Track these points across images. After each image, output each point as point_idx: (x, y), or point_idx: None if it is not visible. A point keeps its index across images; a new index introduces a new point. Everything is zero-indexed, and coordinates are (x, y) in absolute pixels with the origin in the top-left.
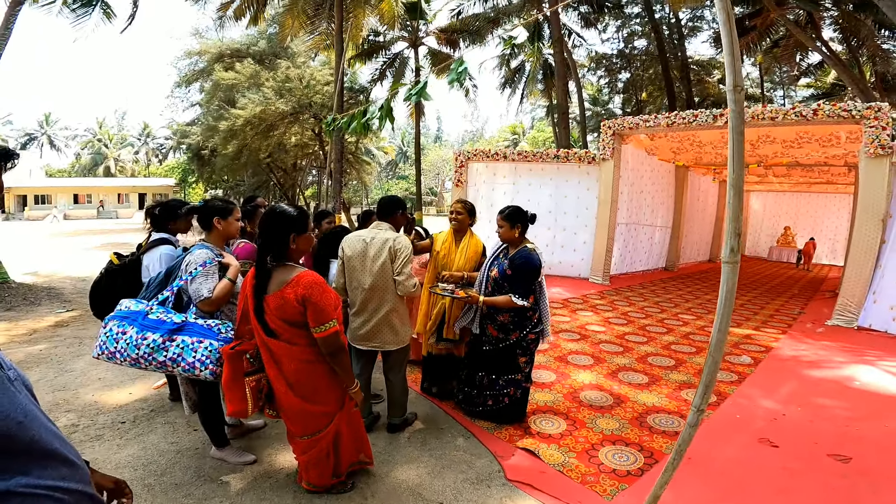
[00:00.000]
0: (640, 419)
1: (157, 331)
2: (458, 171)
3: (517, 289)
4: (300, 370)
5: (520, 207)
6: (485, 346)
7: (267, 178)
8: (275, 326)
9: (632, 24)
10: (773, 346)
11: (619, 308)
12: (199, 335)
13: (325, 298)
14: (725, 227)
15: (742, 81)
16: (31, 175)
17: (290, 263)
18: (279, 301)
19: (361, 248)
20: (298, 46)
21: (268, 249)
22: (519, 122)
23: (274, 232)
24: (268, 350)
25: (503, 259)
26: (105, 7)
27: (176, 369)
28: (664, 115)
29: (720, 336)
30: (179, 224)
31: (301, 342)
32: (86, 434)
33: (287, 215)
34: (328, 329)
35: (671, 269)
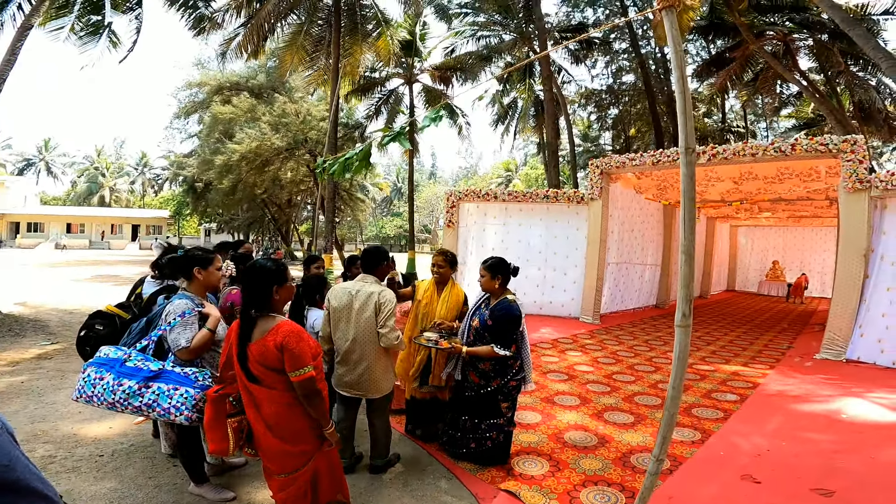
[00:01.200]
0: (624, 459)
1: (133, 377)
2: (449, 211)
3: (498, 339)
4: (279, 413)
5: (503, 259)
6: (467, 391)
7: (262, 214)
8: (257, 372)
9: (619, 59)
10: (760, 381)
11: (609, 347)
12: (175, 382)
13: (300, 346)
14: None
15: (694, 143)
16: (25, 202)
17: (272, 314)
18: (261, 348)
19: (347, 301)
20: (296, 81)
21: (251, 302)
22: (512, 159)
23: (256, 286)
24: (249, 394)
25: (484, 309)
26: (112, 35)
27: (151, 414)
28: (650, 154)
29: (674, 393)
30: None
31: (280, 387)
32: (62, 465)
33: (268, 269)
34: (303, 374)
35: (662, 306)
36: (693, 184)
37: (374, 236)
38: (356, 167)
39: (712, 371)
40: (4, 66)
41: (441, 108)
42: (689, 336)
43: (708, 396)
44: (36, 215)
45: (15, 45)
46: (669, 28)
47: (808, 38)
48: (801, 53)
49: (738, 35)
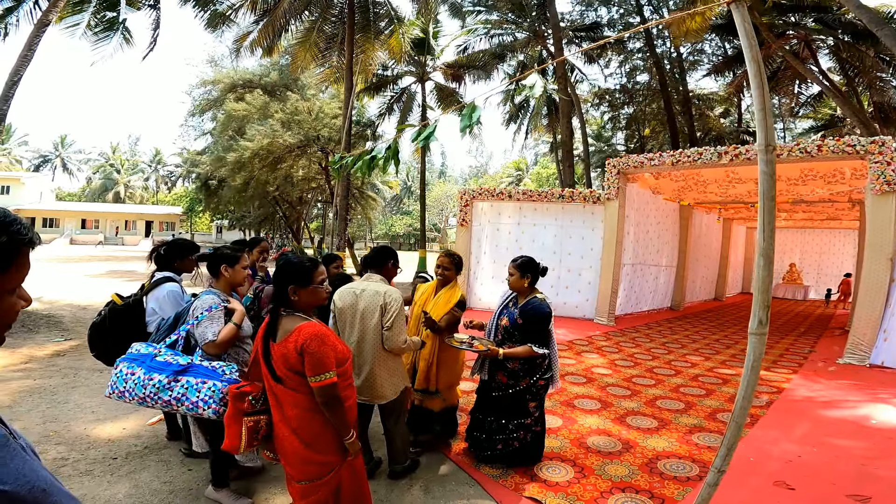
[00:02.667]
0: (651, 465)
1: (163, 372)
2: (462, 210)
3: (532, 337)
4: (302, 417)
5: (532, 259)
6: (494, 392)
7: (273, 211)
8: (281, 373)
9: (634, 58)
10: (784, 386)
11: (626, 349)
12: (203, 376)
13: (323, 349)
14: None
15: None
16: (41, 198)
17: (298, 314)
18: (283, 350)
19: (352, 301)
20: (308, 79)
21: (278, 299)
22: (522, 158)
23: (279, 282)
24: (273, 395)
25: (513, 308)
26: (125, 32)
27: (180, 408)
28: (669, 154)
29: (744, 403)
30: (187, 263)
31: (304, 390)
32: (75, 468)
33: (288, 267)
34: (324, 380)
35: (677, 308)
36: (773, 183)
37: (383, 235)
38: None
39: (735, 375)
40: (21, 62)
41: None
42: (764, 345)
43: (732, 401)
44: (51, 211)
45: (32, 41)
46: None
47: (828, 38)
48: (821, 54)
49: (758, 35)
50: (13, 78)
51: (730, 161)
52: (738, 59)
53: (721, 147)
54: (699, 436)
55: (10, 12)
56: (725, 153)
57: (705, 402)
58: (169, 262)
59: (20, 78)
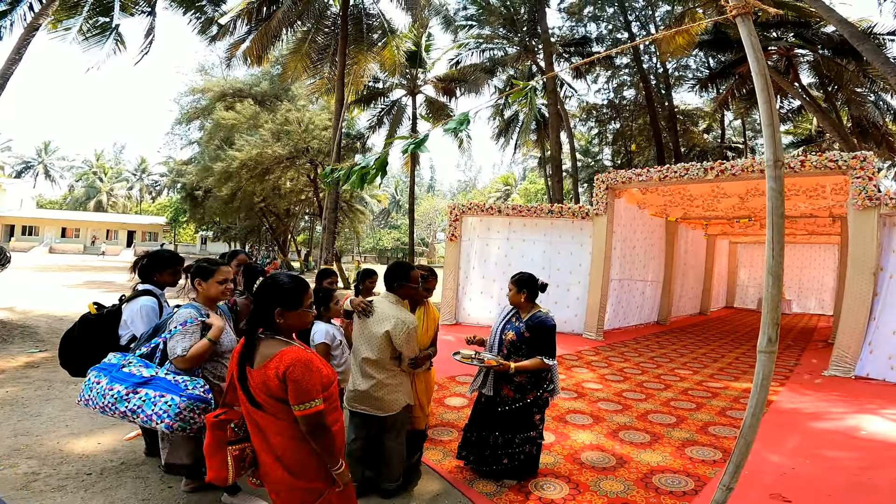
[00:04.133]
0: (646, 480)
1: (124, 383)
2: (451, 224)
3: (541, 349)
4: (287, 445)
5: (532, 276)
6: (499, 406)
7: (259, 223)
8: (260, 400)
9: (621, 74)
10: (773, 399)
11: (615, 364)
12: (163, 390)
13: (307, 377)
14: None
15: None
16: (21, 205)
17: (280, 337)
18: (262, 377)
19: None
20: (299, 89)
21: (257, 319)
22: (511, 173)
23: (262, 303)
24: (253, 421)
25: (517, 322)
26: (118, 38)
27: (136, 420)
28: (656, 169)
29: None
30: (166, 276)
31: (287, 417)
32: (46, 483)
33: (276, 288)
34: (309, 408)
35: (664, 322)
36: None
37: (371, 248)
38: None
39: (723, 388)
40: (9, 65)
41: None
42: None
43: (723, 414)
44: (31, 219)
45: (21, 44)
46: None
47: (809, 53)
48: (801, 69)
49: (741, 50)
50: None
51: (716, 177)
52: (723, 74)
53: (707, 163)
54: (692, 449)
55: (4, 16)
56: (711, 169)
57: (697, 416)
58: (149, 274)
59: (6, 83)
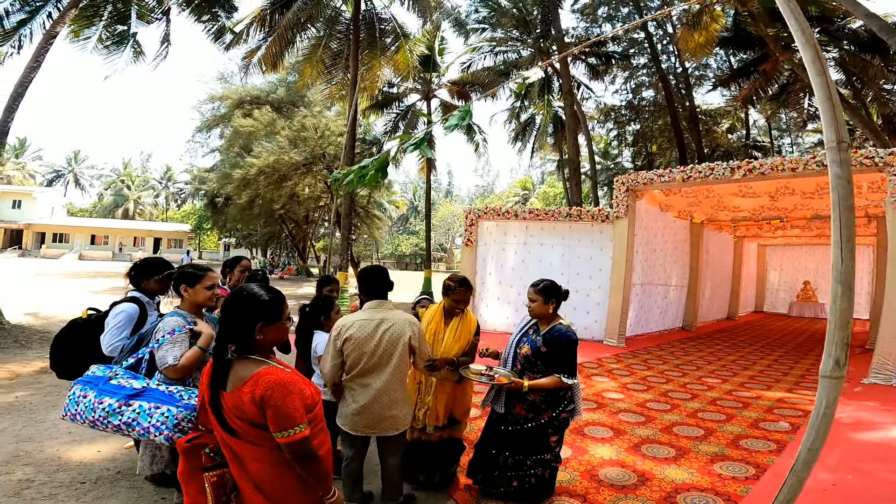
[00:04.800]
0: (670, 499)
1: (114, 395)
2: (468, 229)
3: (559, 367)
4: (266, 473)
5: (555, 283)
6: (510, 426)
7: (279, 230)
8: (234, 425)
9: (639, 75)
10: (809, 408)
11: (637, 372)
12: (157, 401)
13: (288, 401)
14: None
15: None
16: (52, 213)
17: (254, 357)
18: (236, 401)
19: (371, 331)
20: (315, 96)
21: (229, 337)
22: (528, 177)
23: (238, 319)
24: (228, 448)
25: (534, 335)
26: (136, 45)
27: (132, 433)
28: (679, 170)
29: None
30: (152, 284)
31: (266, 444)
32: (39, 492)
33: (256, 300)
34: (293, 435)
35: (689, 328)
36: (851, 189)
37: (389, 254)
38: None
39: (756, 398)
40: (28, 72)
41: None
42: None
43: (756, 426)
44: (61, 226)
45: (39, 53)
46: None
47: (835, 49)
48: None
49: (763, 48)
50: (18, 90)
51: (743, 176)
52: (746, 72)
53: (734, 161)
54: (722, 465)
55: (24, 24)
56: (738, 168)
57: (726, 428)
58: (138, 282)
59: (25, 90)
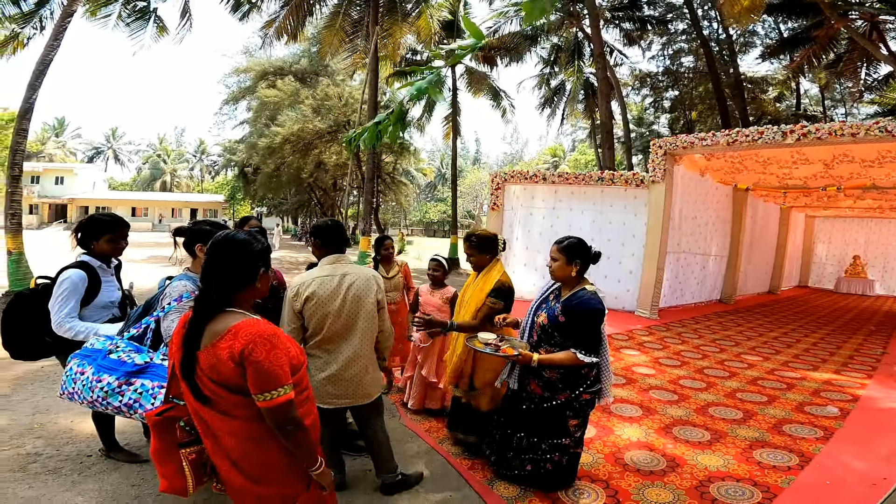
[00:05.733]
0: (701, 489)
1: (113, 373)
2: (493, 193)
3: (578, 341)
4: (243, 448)
5: (582, 240)
6: (524, 403)
7: (308, 198)
8: (208, 391)
9: (678, 40)
10: (859, 393)
11: (671, 346)
12: (161, 379)
13: (272, 357)
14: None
15: None
16: (94, 187)
17: (233, 309)
18: (211, 359)
19: (334, 288)
20: (338, 64)
21: (214, 291)
22: (559, 145)
23: (219, 268)
24: (200, 420)
25: (554, 302)
26: (158, 21)
27: (133, 416)
28: (723, 133)
29: None
30: (102, 244)
31: (242, 414)
32: (44, 465)
33: (237, 248)
34: (276, 398)
35: (727, 301)
36: None
37: (417, 221)
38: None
39: (800, 379)
40: (48, 51)
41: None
42: None
43: (800, 410)
44: (103, 200)
45: (58, 31)
46: None
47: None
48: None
49: (817, 14)
50: (39, 68)
51: (796, 140)
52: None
53: (786, 125)
54: (762, 452)
55: (43, 5)
56: (791, 132)
57: (768, 411)
58: (86, 243)
59: (47, 68)
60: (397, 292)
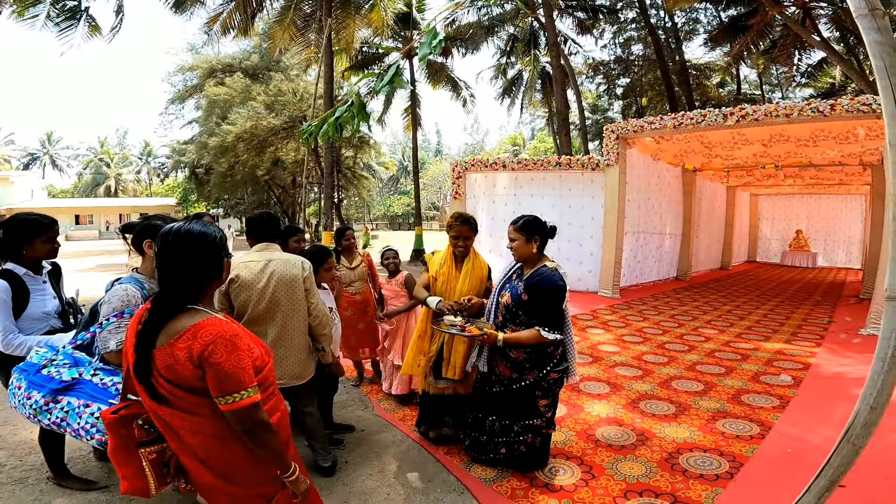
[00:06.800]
0: (671, 460)
1: (41, 389)
2: (455, 182)
3: (541, 319)
4: (209, 445)
5: (537, 217)
6: (494, 386)
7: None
8: (164, 391)
9: (628, 29)
10: (810, 361)
11: (633, 324)
12: (87, 397)
13: (234, 359)
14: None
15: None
16: (32, 196)
17: (194, 307)
18: (167, 359)
19: (258, 272)
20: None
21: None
22: (519, 133)
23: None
24: (160, 419)
25: (517, 281)
26: (90, 20)
27: (67, 433)
28: (670, 117)
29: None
30: (38, 248)
31: (203, 411)
32: (9, 476)
33: (214, 233)
34: (239, 401)
35: (683, 278)
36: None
37: (382, 215)
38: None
39: (754, 350)
40: None
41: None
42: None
43: (756, 380)
44: (43, 208)
45: None
46: None
47: (830, 7)
48: (821, 22)
49: (753, 2)
50: None
51: (736, 122)
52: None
53: (727, 108)
54: (724, 423)
55: None
56: (731, 114)
57: (726, 382)
58: (13, 248)
59: None
60: (361, 282)
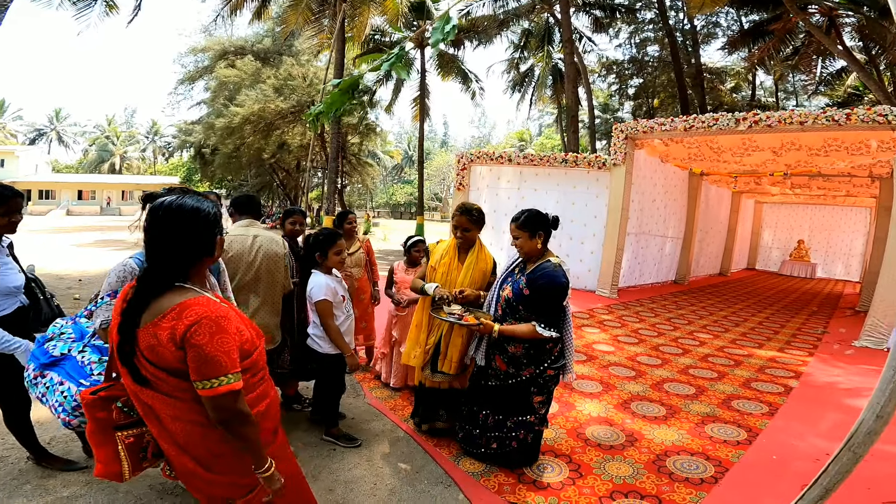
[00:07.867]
0: (658, 462)
1: (35, 362)
2: (459, 173)
3: (540, 315)
4: (191, 431)
5: (539, 211)
6: (490, 380)
7: (270, 179)
8: (146, 373)
9: (645, 29)
10: (802, 370)
11: (629, 325)
12: (65, 375)
13: (217, 342)
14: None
15: None
16: (37, 170)
17: (183, 284)
18: (150, 339)
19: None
20: (303, 45)
21: (163, 265)
22: (526, 129)
23: (167, 239)
24: (142, 403)
25: (519, 276)
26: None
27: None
28: (681, 119)
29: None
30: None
31: (186, 396)
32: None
33: (207, 207)
34: (218, 387)
35: (681, 282)
36: None
37: (384, 203)
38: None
39: (747, 356)
40: None
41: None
42: None
43: (747, 386)
44: (47, 183)
45: None
46: None
47: (853, 14)
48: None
49: (777, 7)
50: None
51: (748, 128)
52: (755, 32)
53: (739, 113)
54: (713, 427)
55: None
56: (744, 119)
57: (718, 387)
58: None
59: None
60: (359, 268)
